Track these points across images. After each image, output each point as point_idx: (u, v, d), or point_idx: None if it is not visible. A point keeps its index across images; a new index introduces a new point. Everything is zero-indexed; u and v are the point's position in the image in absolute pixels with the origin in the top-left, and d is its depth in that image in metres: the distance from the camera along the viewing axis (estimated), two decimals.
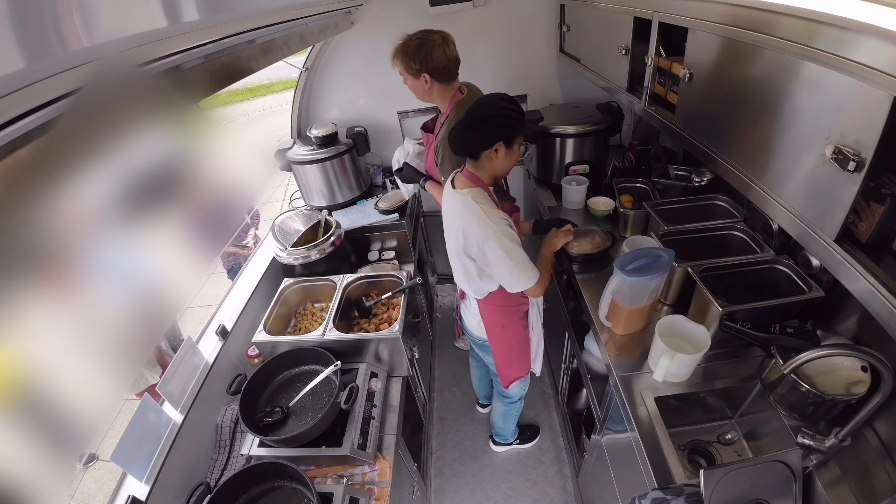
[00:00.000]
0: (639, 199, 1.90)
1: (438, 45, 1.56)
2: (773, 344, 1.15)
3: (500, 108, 1.28)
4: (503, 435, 2.25)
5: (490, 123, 1.28)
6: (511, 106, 1.29)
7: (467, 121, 1.31)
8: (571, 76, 2.53)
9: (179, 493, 1.24)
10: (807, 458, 1.01)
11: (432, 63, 1.56)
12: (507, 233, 1.31)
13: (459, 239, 1.40)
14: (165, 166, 3.12)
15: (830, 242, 0.77)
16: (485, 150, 1.32)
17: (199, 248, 3.13)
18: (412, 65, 1.57)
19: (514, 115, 1.29)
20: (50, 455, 1.87)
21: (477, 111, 1.29)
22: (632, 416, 1.21)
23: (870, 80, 0.63)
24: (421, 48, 1.55)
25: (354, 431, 1.37)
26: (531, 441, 2.32)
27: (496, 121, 1.27)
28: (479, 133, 1.30)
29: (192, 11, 0.55)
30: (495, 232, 1.29)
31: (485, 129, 1.29)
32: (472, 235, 1.34)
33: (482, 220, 1.31)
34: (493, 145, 1.30)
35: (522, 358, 1.74)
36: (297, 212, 2.13)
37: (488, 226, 1.30)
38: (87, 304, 2.25)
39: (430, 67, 1.57)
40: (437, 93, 1.66)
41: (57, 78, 0.41)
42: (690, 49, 1.14)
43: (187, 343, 1.42)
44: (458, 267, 1.53)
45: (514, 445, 2.32)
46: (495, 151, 1.32)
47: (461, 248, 1.42)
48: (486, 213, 1.31)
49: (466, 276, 1.51)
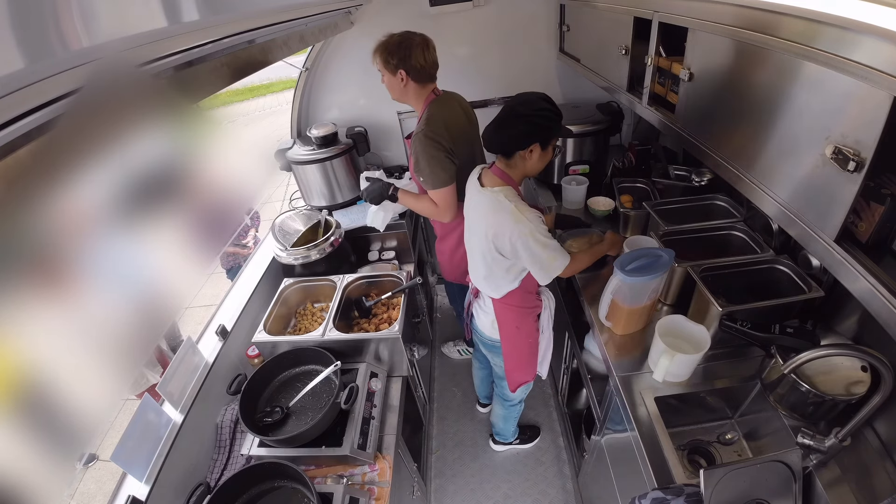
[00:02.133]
0: (639, 199, 1.90)
1: (418, 45, 1.59)
2: (773, 344, 1.15)
3: (539, 107, 1.26)
4: (503, 435, 2.25)
5: (528, 123, 1.26)
6: (550, 106, 1.28)
7: (504, 117, 1.29)
8: (571, 76, 2.53)
9: (179, 493, 1.24)
10: (807, 458, 1.01)
11: (410, 61, 1.58)
12: (542, 229, 1.32)
13: (488, 237, 1.39)
14: (165, 166, 3.13)
15: (830, 242, 0.76)
16: (520, 150, 1.31)
17: (198, 248, 3.13)
18: (391, 59, 1.59)
19: (552, 116, 1.28)
20: (50, 455, 1.87)
21: (516, 108, 1.28)
22: (632, 416, 1.21)
23: (870, 80, 0.63)
24: (401, 45, 1.57)
25: (354, 431, 1.37)
26: (531, 441, 2.32)
27: (535, 120, 1.26)
28: (515, 131, 1.28)
29: (192, 11, 0.55)
30: (531, 230, 1.30)
31: (522, 127, 1.27)
32: (506, 233, 1.33)
33: (517, 218, 1.30)
34: (529, 146, 1.29)
35: (532, 361, 1.74)
36: (297, 212, 2.13)
37: (524, 224, 1.30)
38: (87, 304, 2.25)
39: (407, 65, 1.59)
40: (412, 92, 1.68)
41: (57, 78, 0.41)
42: (690, 49, 1.14)
43: (187, 343, 1.42)
44: (479, 265, 1.52)
45: (515, 445, 2.32)
46: (530, 152, 1.31)
47: (489, 246, 1.41)
48: (521, 211, 1.31)
49: (489, 273, 1.50)
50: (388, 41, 1.59)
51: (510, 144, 1.31)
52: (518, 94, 1.34)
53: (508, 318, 1.60)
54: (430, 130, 1.62)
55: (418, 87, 1.67)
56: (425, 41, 1.62)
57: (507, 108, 1.29)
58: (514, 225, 1.30)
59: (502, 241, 1.35)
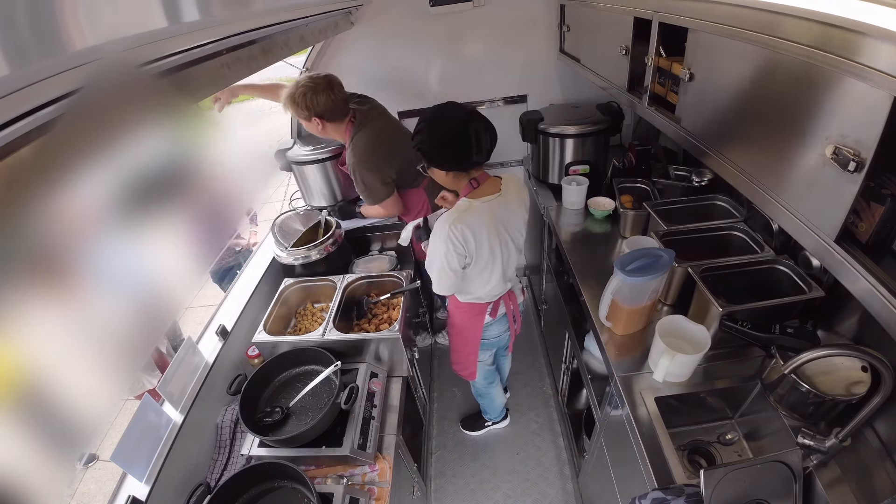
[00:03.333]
0: (639, 200, 1.90)
1: (322, 90, 1.69)
2: (773, 344, 1.15)
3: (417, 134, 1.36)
4: (489, 412, 2.33)
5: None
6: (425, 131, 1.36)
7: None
8: (571, 76, 2.53)
9: (179, 493, 1.24)
10: (807, 459, 1.01)
11: (319, 107, 1.71)
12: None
13: (523, 231, 1.55)
14: (165, 166, 3.12)
15: (830, 242, 0.76)
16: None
17: (198, 248, 3.13)
18: (301, 111, 1.73)
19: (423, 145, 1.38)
20: (50, 455, 1.86)
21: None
22: (632, 416, 1.21)
23: (869, 80, 0.63)
24: (305, 95, 1.68)
25: (354, 431, 1.37)
26: (504, 421, 2.42)
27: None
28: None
29: (192, 11, 0.55)
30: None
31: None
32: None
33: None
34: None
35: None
36: (297, 212, 2.13)
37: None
38: (87, 304, 2.25)
39: (317, 111, 1.72)
40: (331, 130, 1.83)
41: (57, 78, 0.41)
42: (690, 49, 1.14)
43: (187, 343, 1.42)
44: (515, 261, 1.60)
45: (488, 427, 2.39)
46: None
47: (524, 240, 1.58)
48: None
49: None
50: (293, 94, 1.70)
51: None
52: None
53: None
54: (360, 159, 1.81)
55: (335, 125, 1.81)
56: (329, 83, 1.71)
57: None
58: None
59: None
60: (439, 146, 1.31)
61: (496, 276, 1.51)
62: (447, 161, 1.33)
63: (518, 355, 2.83)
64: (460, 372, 1.97)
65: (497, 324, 1.72)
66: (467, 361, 1.87)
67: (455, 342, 1.85)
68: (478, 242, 1.37)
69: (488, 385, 2.11)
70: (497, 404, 2.27)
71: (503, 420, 2.42)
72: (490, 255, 1.43)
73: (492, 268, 1.48)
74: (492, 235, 1.39)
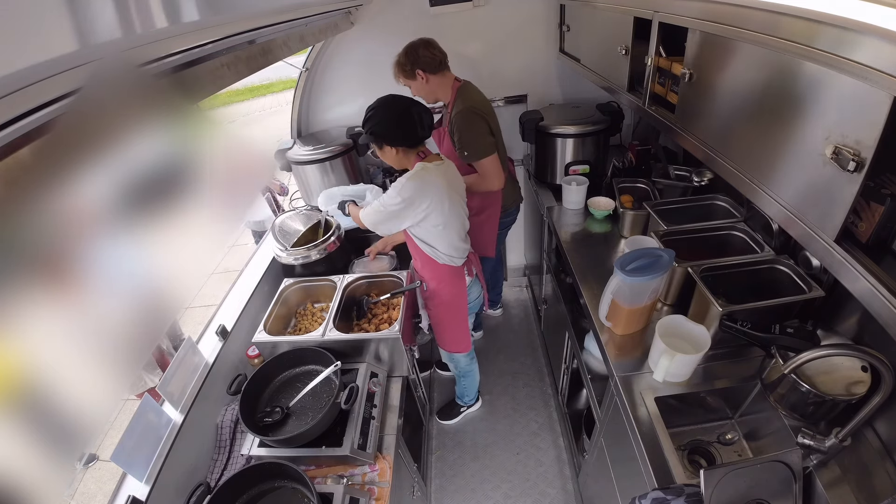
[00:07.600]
0: (639, 199, 1.90)
1: (421, 45, 1.85)
2: (773, 344, 1.15)
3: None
4: (467, 394, 2.42)
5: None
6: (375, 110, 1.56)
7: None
8: (571, 76, 2.53)
9: (179, 493, 1.24)
10: (807, 458, 1.01)
11: (420, 60, 1.84)
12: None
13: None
14: (164, 166, 3.11)
15: (830, 242, 0.76)
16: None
17: (220, 213, 3.11)
18: (405, 67, 1.86)
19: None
20: (50, 455, 1.86)
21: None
22: (632, 416, 1.21)
23: (870, 80, 0.63)
24: (408, 53, 1.85)
25: (354, 431, 1.37)
26: (477, 403, 2.52)
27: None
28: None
29: (192, 11, 0.55)
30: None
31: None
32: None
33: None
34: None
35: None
36: (297, 212, 2.13)
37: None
38: (88, 304, 2.25)
39: (420, 64, 1.85)
40: (435, 84, 1.91)
41: (57, 78, 0.41)
42: (690, 49, 1.14)
43: (187, 343, 1.42)
44: (466, 225, 1.76)
45: (463, 412, 2.48)
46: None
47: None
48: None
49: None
50: (398, 57, 1.87)
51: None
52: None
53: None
54: (470, 105, 1.86)
55: (438, 78, 1.89)
56: (426, 42, 1.87)
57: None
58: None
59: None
60: (393, 125, 1.52)
61: (455, 232, 1.69)
62: (398, 138, 1.54)
63: (518, 355, 2.83)
64: (454, 348, 2.05)
65: (474, 285, 1.93)
66: (459, 330, 1.97)
67: (444, 318, 1.93)
68: (439, 196, 1.55)
69: (471, 361, 2.22)
70: (476, 382, 2.41)
71: (476, 402, 2.53)
72: (451, 209, 1.61)
73: (452, 223, 1.66)
74: (450, 191, 1.60)
